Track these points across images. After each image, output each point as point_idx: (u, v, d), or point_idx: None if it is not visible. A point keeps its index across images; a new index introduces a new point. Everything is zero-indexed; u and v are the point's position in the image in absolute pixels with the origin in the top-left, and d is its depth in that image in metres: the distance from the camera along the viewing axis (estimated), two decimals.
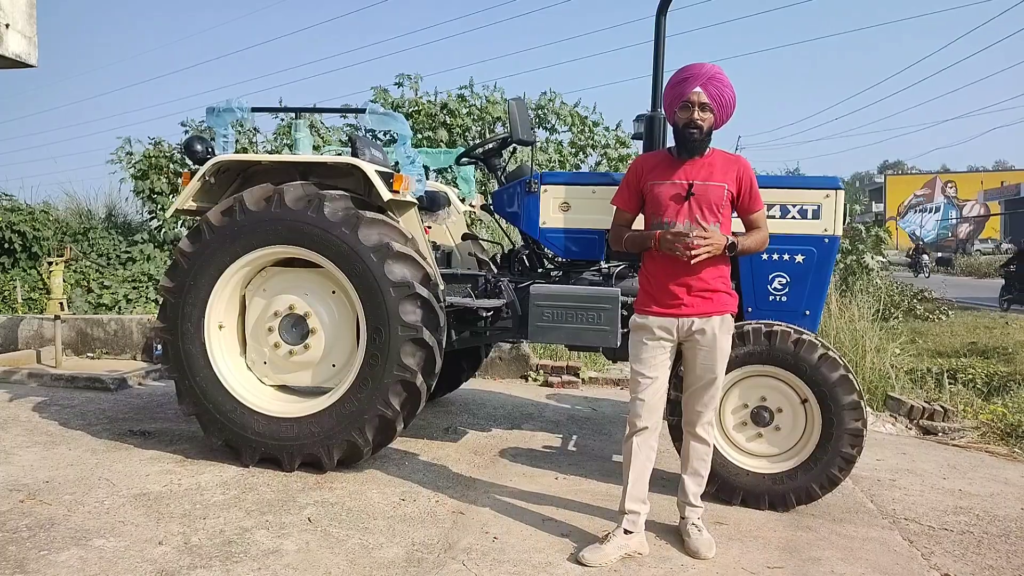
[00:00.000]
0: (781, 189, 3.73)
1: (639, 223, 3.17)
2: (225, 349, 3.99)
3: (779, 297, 3.75)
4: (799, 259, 3.71)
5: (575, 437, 4.79)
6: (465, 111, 10.91)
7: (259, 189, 3.86)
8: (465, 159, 4.67)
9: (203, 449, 4.12)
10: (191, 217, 5.61)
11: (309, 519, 3.25)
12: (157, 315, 4.21)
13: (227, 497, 3.46)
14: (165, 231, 9.79)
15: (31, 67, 4.57)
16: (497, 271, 4.67)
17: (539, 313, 3.79)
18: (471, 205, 5.24)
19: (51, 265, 6.70)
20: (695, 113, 2.91)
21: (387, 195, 3.80)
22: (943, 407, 5.64)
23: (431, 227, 4.73)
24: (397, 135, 4.04)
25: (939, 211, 50.03)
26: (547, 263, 4.41)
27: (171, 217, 8.09)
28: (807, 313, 3.74)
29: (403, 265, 3.70)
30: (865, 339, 6.72)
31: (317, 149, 8.57)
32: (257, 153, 7.74)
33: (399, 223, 3.90)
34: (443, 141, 10.45)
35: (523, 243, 4.41)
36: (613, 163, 11.15)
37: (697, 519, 3.11)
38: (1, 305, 8.50)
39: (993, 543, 3.33)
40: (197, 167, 4.09)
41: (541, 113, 11.14)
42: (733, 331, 3.11)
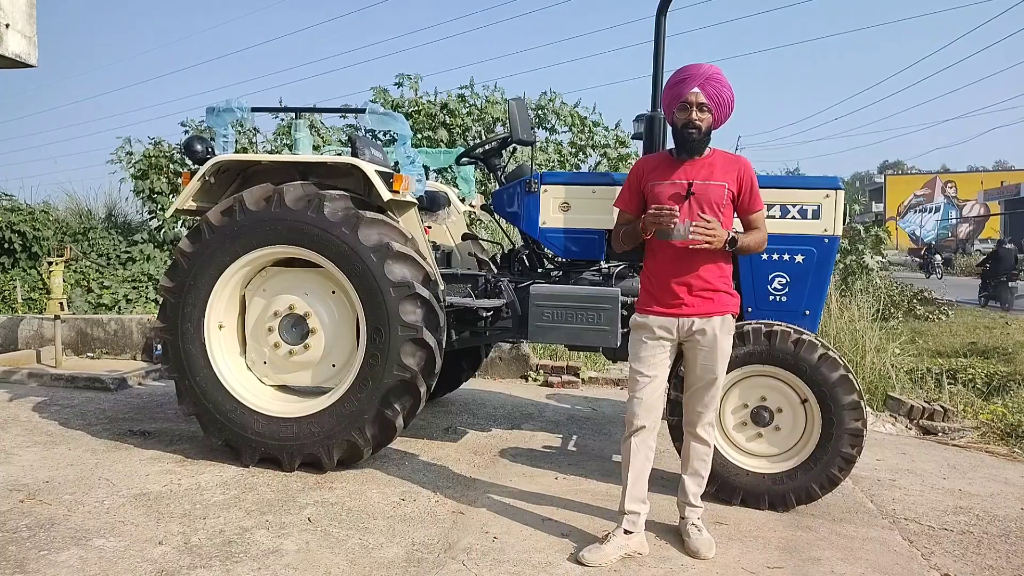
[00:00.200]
0: (781, 189, 3.73)
1: None
2: (225, 349, 3.99)
3: (779, 297, 3.76)
4: (799, 259, 3.72)
5: (575, 437, 4.79)
6: (465, 111, 10.90)
7: (259, 189, 3.86)
8: (465, 159, 4.67)
9: (203, 449, 4.12)
10: (191, 217, 5.61)
11: (309, 519, 3.25)
12: (157, 315, 4.22)
13: (227, 497, 3.46)
14: (165, 231, 9.79)
15: (31, 67, 4.57)
16: (497, 271, 4.67)
17: (539, 313, 3.79)
18: (471, 205, 5.24)
19: (51, 265, 6.70)
20: (693, 113, 2.92)
21: (387, 195, 3.80)
22: (943, 407, 5.64)
23: (431, 227, 4.73)
24: (397, 135, 4.05)
25: (939, 211, 49.97)
26: (547, 263, 4.41)
27: (171, 217, 8.10)
28: (807, 313, 3.74)
29: (403, 265, 3.70)
30: (865, 339, 6.72)
31: (317, 149, 8.57)
32: (257, 153, 7.74)
33: (399, 223, 3.90)
34: (443, 141, 10.45)
35: (523, 243, 4.41)
36: (613, 163, 11.14)
37: (697, 519, 3.11)
38: (1, 305, 8.50)
39: (993, 543, 3.33)
40: (197, 167, 4.09)
41: (541, 113, 11.13)
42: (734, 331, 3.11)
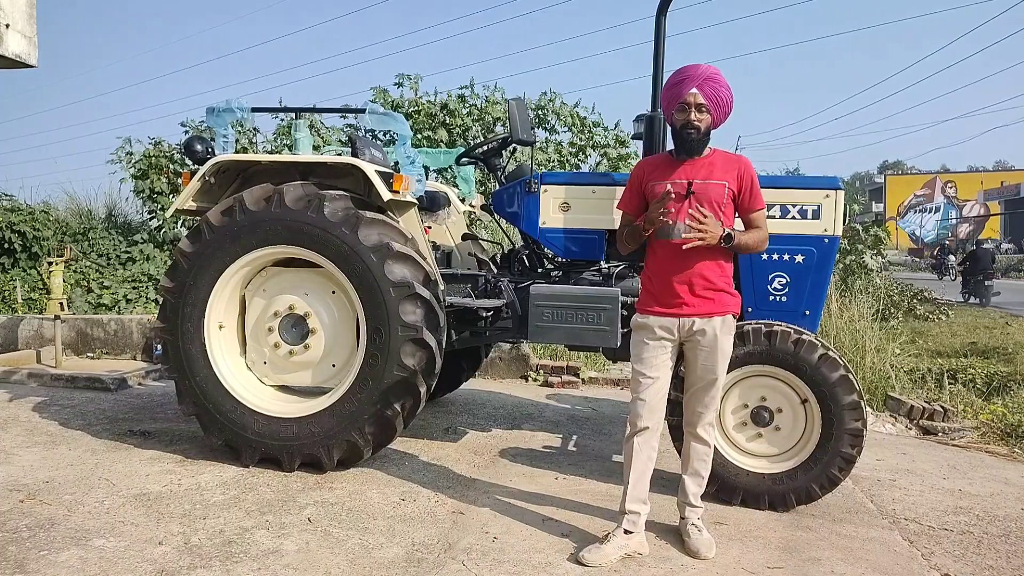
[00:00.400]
0: (781, 189, 3.73)
1: None
2: (225, 349, 3.99)
3: (779, 297, 3.76)
4: (799, 259, 3.72)
5: (575, 437, 4.79)
6: (465, 111, 10.90)
7: (259, 189, 3.86)
8: (465, 159, 4.67)
9: (203, 449, 4.12)
10: (191, 217, 5.61)
11: (309, 519, 3.25)
12: (157, 315, 4.21)
13: (227, 497, 3.46)
14: (165, 231, 9.79)
15: (31, 67, 4.57)
16: (497, 271, 4.67)
17: (539, 313, 3.79)
18: (471, 205, 5.24)
19: (51, 265, 6.71)
20: (692, 114, 2.93)
21: (387, 195, 3.80)
22: (943, 407, 5.64)
23: (431, 227, 4.73)
24: (397, 135, 4.05)
25: (939, 211, 49.96)
26: (547, 263, 4.41)
27: (171, 217, 8.10)
28: (807, 313, 3.74)
29: (403, 265, 3.70)
30: (865, 339, 6.72)
31: (317, 149, 8.56)
32: (257, 153, 7.75)
33: (399, 223, 3.90)
34: (443, 141, 10.44)
35: (523, 243, 4.41)
36: (613, 163, 11.14)
37: (697, 519, 3.11)
38: (1, 305, 8.50)
39: (993, 543, 3.33)
40: (197, 167, 4.09)
41: (541, 113, 11.13)
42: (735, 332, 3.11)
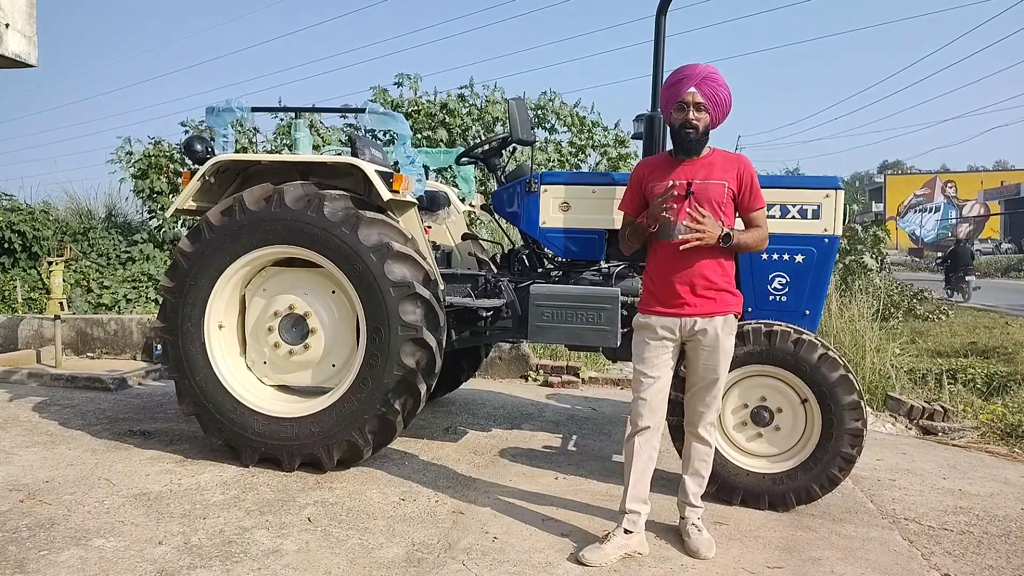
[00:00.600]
0: (781, 189, 3.73)
1: None
2: (225, 349, 3.99)
3: (779, 297, 3.75)
4: (799, 259, 3.71)
5: (575, 437, 4.79)
6: (465, 111, 10.90)
7: (259, 189, 3.86)
8: (465, 159, 4.67)
9: (203, 449, 4.12)
10: (191, 217, 5.61)
11: (309, 519, 3.25)
12: (157, 315, 4.21)
13: (227, 497, 3.46)
14: (165, 231, 9.78)
15: (31, 67, 4.57)
16: (497, 271, 4.67)
17: (539, 313, 3.79)
18: (471, 205, 5.24)
19: (51, 265, 6.71)
20: (690, 113, 2.93)
21: (387, 195, 3.80)
22: (943, 407, 5.64)
23: (431, 227, 4.73)
24: (397, 135, 4.04)
25: (939, 211, 49.98)
26: (547, 263, 4.41)
27: (171, 217, 8.10)
28: (807, 313, 3.74)
29: (403, 265, 3.70)
30: (865, 339, 6.72)
31: (317, 149, 8.56)
32: (257, 153, 7.74)
33: (399, 223, 3.90)
34: (443, 141, 10.44)
35: (523, 243, 4.41)
36: (613, 163, 11.14)
37: (697, 519, 3.11)
38: (1, 305, 8.50)
39: (993, 543, 3.33)
40: (197, 167, 4.09)
41: (541, 113, 11.13)
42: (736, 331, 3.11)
